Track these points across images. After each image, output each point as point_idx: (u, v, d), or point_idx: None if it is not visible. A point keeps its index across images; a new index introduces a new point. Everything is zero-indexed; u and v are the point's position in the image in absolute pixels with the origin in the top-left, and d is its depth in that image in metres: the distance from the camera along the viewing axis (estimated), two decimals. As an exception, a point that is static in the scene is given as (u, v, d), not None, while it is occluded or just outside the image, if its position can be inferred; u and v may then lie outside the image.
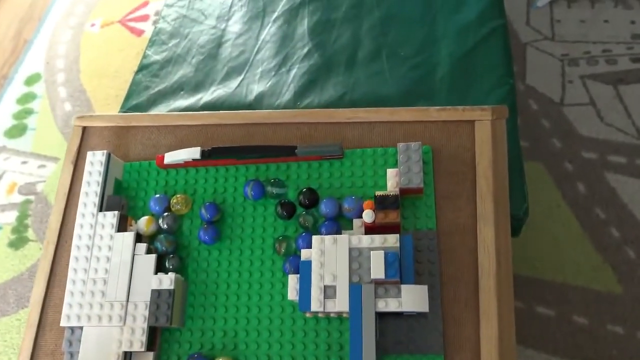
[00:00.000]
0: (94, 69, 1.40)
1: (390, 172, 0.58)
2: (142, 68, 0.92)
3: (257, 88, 0.85)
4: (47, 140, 1.28)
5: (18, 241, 1.16)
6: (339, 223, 0.58)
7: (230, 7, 0.98)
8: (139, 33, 1.45)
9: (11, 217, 1.20)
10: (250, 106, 0.83)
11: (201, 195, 0.64)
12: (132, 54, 1.41)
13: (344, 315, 0.52)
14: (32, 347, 0.57)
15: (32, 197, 1.19)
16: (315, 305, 0.50)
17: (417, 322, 0.51)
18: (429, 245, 0.56)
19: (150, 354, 0.53)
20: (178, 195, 0.63)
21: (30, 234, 1.17)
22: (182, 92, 0.87)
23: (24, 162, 1.28)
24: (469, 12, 0.85)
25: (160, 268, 0.59)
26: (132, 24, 1.49)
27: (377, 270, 0.50)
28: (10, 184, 1.25)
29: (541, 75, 1.08)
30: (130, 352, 0.53)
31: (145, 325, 0.52)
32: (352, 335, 0.49)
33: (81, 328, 0.54)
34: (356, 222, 0.57)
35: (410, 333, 0.51)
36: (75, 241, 0.59)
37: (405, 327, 0.51)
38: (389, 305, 0.49)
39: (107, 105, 1.30)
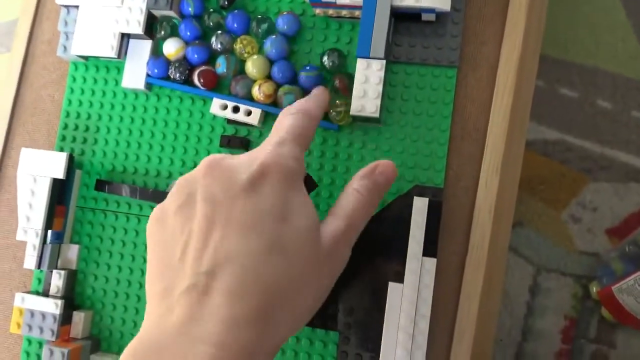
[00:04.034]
0: None
1: None
2: None
3: None
4: None
5: None
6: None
7: None
8: None
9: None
10: None
11: None
12: None
13: (357, 14, 0.47)
14: (28, 36, 0.54)
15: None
16: (327, -7, 0.46)
17: (435, 31, 0.47)
18: None
19: (149, 42, 0.50)
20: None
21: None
22: None
23: None
24: None
25: None
26: None
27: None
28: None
29: None
30: (128, 35, 0.50)
31: (144, 5, 0.48)
32: (362, 26, 0.45)
33: (77, 7, 0.51)
34: None
35: (426, 41, 0.47)
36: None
37: (421, 34, 0.47)
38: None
39: None
